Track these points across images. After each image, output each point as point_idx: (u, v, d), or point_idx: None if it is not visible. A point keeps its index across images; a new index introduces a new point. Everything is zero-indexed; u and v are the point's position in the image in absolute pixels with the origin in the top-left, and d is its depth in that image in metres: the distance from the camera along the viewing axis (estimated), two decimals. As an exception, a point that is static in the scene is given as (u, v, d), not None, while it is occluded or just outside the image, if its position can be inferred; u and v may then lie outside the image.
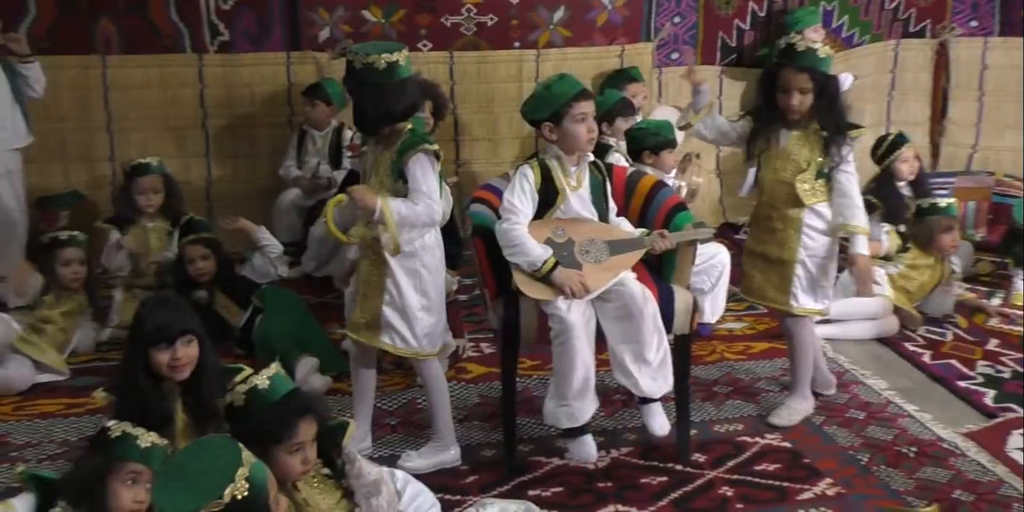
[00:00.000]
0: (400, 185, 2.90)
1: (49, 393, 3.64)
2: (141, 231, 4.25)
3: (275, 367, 2.39)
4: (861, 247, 3.22)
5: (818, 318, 3.50)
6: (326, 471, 2.41)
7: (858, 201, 3.19)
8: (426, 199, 2.87)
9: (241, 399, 2.31)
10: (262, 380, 2.32)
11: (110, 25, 5.02)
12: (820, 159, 3.16)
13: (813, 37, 4.80)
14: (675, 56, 5.70)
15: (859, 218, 3.18)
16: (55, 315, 3.88)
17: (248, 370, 2.49)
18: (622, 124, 4.42)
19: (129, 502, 2.19)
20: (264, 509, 1.97)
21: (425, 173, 2.88)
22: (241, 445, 1.99)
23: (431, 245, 2.97)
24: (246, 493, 1.89)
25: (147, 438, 2.21)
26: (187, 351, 2.44)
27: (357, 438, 3.00)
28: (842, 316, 3.96)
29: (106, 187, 5.02)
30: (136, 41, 5.06)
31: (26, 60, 4.43)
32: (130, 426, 2.21)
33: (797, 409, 3.37)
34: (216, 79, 5.17)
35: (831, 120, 3.14)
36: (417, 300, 2.96)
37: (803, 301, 3.26)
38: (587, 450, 2.99)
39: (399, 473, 2.62)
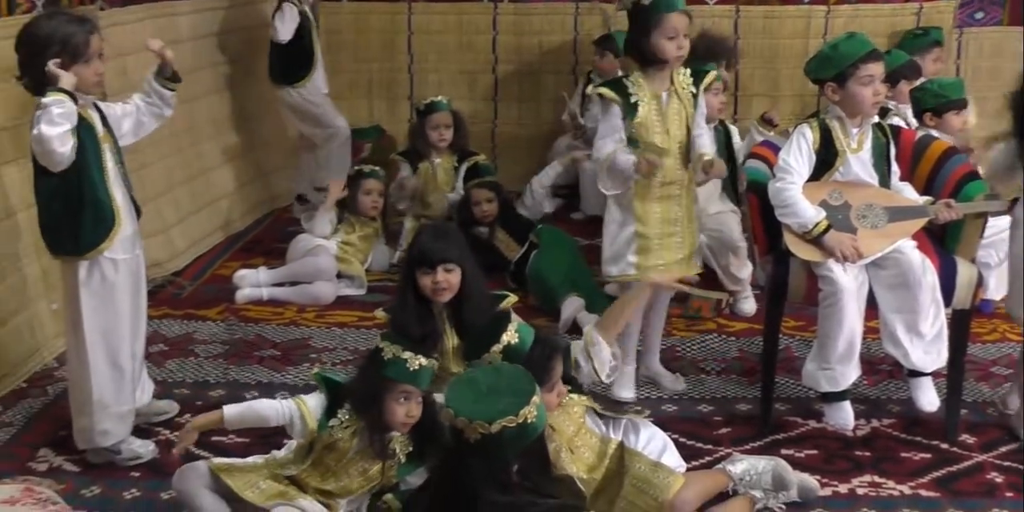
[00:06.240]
0: None
1: (346, 306, 4.05)
2: (429, 166, 4.59)
3: (516, 320, 2.52)
4: None
5: None
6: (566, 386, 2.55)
7: None
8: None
9: (499, 358, 2.45)
10: (512, 336, 2.47)
11: (418, -26, 5.40)
12: None
13: None
14: (979, 16, 5.31)
15: None
16: (354, 239, 4.31)
17: (512, 297, 2.68)
18: (904, 87, 4.21)
19: (403, 416, 2.41)
20: (542, 440, 2.13)
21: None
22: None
23: None
24: (534, 419, 2.05)
25: (415, 362, 2.38)
26: (447, 277, 2.62)
27: None
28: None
29: (403, 124, 5.44)
30: (439, -12, 5.40)
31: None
32: (400, 349, 2.39)
33: None
34: (508, 27, 5.44)
35: None
36: None
37: None
38: (844, 416, 2.96)
39: (636, 419, 2.71)
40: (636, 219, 3.03)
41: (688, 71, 3.07)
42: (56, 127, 2.49)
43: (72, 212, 2.67)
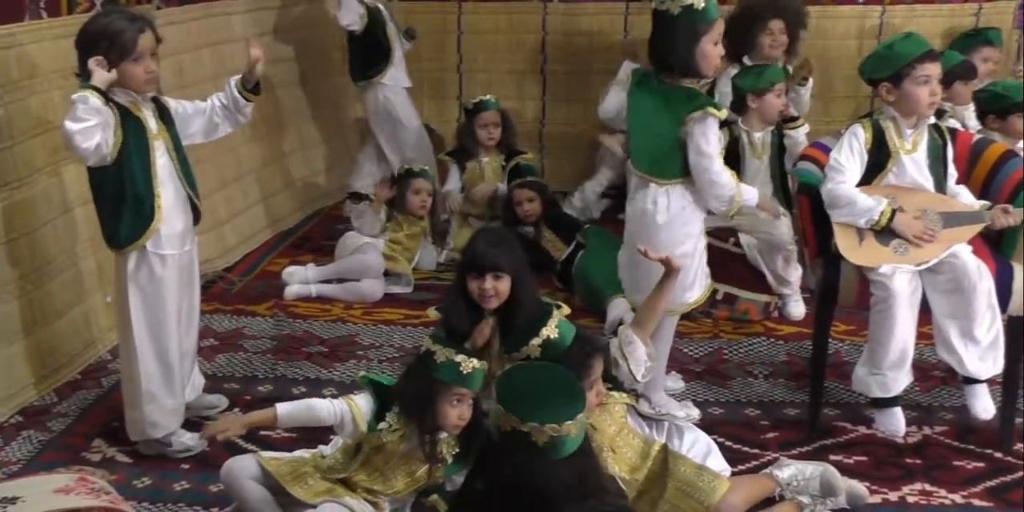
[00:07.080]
0: None
1: (393, 303, 4.08)
2: (477, 165, 4.61)
3: (556, 316, 2.51)
4: None
5: None
6: (607, 385, 2.55)
7: None
8: None
9: (537, 351, 2.46)
10: (552, 330, 2.47)
11: (469, -27, 5.43)
12: None
13: None
14: (1040, 16, 5.20)
15: None
16: (401, 237, 4.34)
17: (565, 308, 2.61)
18: (960, 88, 4.13)
19: (455, 419, 2.41)
20: (588, 437, 2.12)
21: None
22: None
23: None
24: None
25: (468, 365, 2.38)
26: (496, 285, 2.59)
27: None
28: None
29: (452, 123, 5.46)
30: (490, -12, 5.43)
31: None
32: (453, 353, 2.39)
33: None
34: (558, 26, 5.45)
35: None
36: None
37: None
38: (895, 422, 2.92)
39: (679, 422, 2.71)
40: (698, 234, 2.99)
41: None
42: (79, 123, 2.53)
43: (113, 206, 2.72)
